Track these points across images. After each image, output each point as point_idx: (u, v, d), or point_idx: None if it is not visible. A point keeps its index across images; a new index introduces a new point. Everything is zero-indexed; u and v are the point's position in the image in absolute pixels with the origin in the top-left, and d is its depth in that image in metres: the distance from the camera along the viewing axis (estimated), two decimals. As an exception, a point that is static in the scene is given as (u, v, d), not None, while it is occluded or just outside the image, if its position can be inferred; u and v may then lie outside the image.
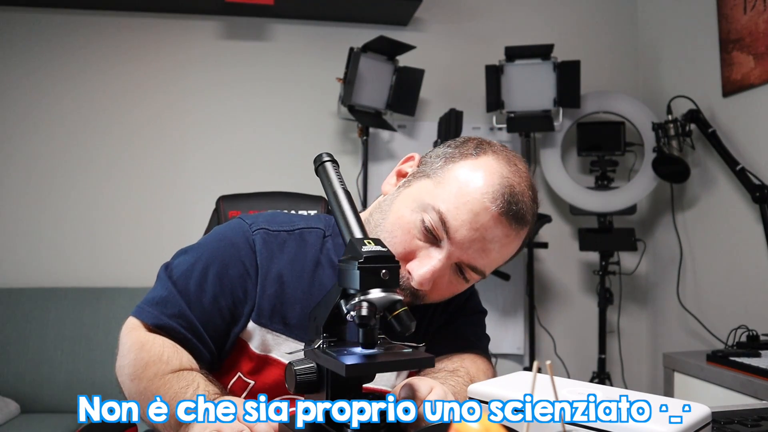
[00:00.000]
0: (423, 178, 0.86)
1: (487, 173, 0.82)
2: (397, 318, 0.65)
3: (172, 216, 2.52)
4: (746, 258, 2.23)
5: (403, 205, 0.84)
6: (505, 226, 0.81)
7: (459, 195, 0.80)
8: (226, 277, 0.85)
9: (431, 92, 2.68)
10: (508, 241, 0.83)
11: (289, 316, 0.86)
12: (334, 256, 0.90)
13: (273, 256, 0.86)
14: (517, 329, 2.71)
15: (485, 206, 0.79)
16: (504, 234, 0.82)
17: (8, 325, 2.23)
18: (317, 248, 0.90)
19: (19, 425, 2.00)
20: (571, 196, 2.60)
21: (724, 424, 0.81)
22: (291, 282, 0.86)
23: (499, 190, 0.80)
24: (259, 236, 0.87)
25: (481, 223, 0.80)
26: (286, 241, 0.88)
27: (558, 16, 2.86)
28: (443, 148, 0.89)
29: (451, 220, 0.79)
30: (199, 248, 0.88)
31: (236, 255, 0.85)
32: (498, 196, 0.80)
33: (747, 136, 2.22)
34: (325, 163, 0.77)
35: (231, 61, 2.62)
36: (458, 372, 0.87)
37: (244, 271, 0.85)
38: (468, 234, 0.79)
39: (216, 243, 0.87)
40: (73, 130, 2.51)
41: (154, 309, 0.83)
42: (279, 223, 0.90)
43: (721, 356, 1.71)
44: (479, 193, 0.80)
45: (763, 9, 2.12)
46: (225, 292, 0.84)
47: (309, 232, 0.91)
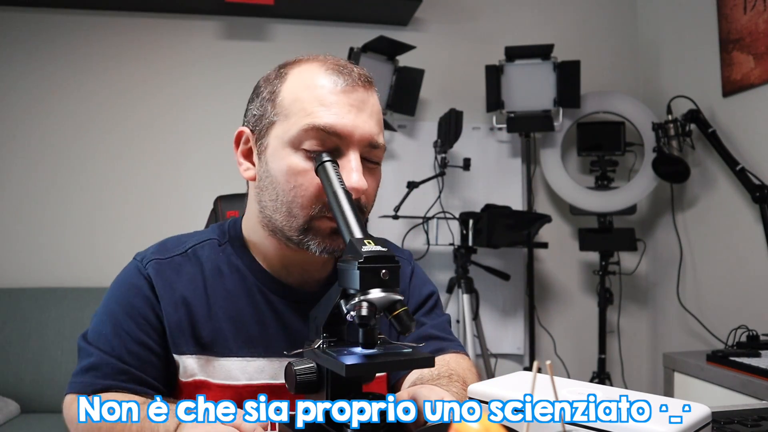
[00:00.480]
0: (270, 130, 0.83)
1: (310, 73, 0.83)
2: (397, 318, 0.65)
3: (171, 215, 2.52)
4: (746, 258, 2.23)
5: (279, 162, 0.82)
6: (360, 91, 0.83)
7: (312, 102, 0.80)
8: (138, 316, 0.84)
9: (431, 92, 2.68)
10: (372, 101, 0.85)
11: (202, 336, 0.84)
12: (235, 259, 0.89)
13: (171, 282, 0.85)
14: (517, 329, 2.71)
15: (336, 90, 0.81)
16: (365, 97, 0.83)
17: (8, 325, 2.23)
18: (213, 259, 0.89)
19: (19, 425, 2.00)
20: (571, 196, 2.60)
21: (724, 424, 0.81)
22: (196, 302, 0.85)
23: (332, 72, 0.82)
24: (152, 267, 0.86)
25: (346, 103, 0.81)
26: (182, 264, 0.87)
27: (558, 16, 2.86)
28: (256, 101, 0.87)
29: (327, 121, 0.79)
30: (104, 305, 0.88)
31: (138, 293, 0.85)
32: (336, 77, 0.82)
33: (747, 136, 2.22)
34: (325, 164, 0.77)
35: (231, 61, 2.62)
36: (453, 377, 0.87)
37: (149, 304, 0.85)
38: (347, 119, 0.80)
39: (116, 291, 0.87)
40: (73, 130, 2.51)
41: (87, 377, 0.82)
42: (169, 249, 0.89)
43: (721, 356, 1.71)
44: (322, 88, 0.81)
45: (763, 9, 2.12)
46: (144, 329, 0.84)
47: (201, 246, 0.90)
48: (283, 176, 0.81)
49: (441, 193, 2.53)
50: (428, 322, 0.99)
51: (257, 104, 0.86)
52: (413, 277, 1.02)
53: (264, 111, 0.84)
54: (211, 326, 0.85)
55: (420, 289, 1.02)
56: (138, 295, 0.85)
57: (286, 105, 0.82)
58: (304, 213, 0.80)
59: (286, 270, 0.89)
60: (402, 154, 2.69)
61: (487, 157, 2.73)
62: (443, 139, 2.43)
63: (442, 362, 0.91)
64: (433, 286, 1.05)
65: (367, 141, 0.82)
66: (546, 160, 2.65)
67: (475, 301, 2.36)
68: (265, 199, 0.84)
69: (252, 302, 0.87)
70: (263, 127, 0.84)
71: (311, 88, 0.81)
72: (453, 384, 0.84)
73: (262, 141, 0.84)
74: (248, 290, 0.87)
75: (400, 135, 2.69)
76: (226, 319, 0.85)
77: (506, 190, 2.72)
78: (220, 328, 0.85)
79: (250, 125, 0.87)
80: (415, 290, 1.01)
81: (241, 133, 0.88)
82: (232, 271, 0.88)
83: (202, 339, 0.84)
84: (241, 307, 0.86)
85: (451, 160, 2.52)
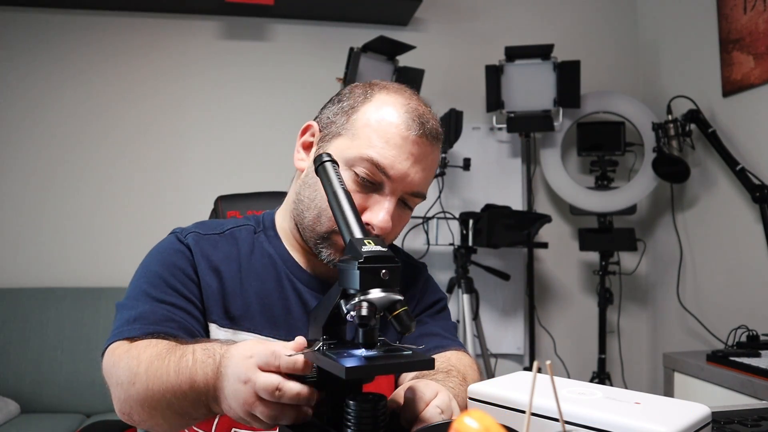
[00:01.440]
0: (335, 139, 0.88)
1: (390, 108, 0.87)
2: (397, 318, 0.65)
3: (171, 215, 2.52)
4: (746, 258, 2.23)
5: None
6: (426, 145, 0.87)
7: (379, 136, 0.85)
8: (181, 274, 0.87)
9: (431, 92, 2.67)
10: (432, 157, 0.90)
11: (231, 308, 0.88)
12: (268, 246, 0.94)
13: (207, 253, 0.89)
14: (517, 329, 2.71)
15: (404, 135, 0.85)
16: (428, 152, 0.88)
17: (8, 325, 2.23)
18: (249, 241, 0.94)
19: (19, 425, 2.00)
20: (571, 196, 2.60)
21: (724, 424, 0.81)
22: (228, 275, 0.89)
23: (409, 116, 0.86)
24: (191, 238, 0.90)
25: (407, 151, 0.85)
26: (218, 242, 0.92)
27: (558, 16, 2.86)
28: (334, 106, 0.92)
29: (383, 160, 0.84)
30: (143, 268, 0.89)
31: (180, 255, 0.88)
32: (410, 122, 0.86)
33: (747, 136, 2.22)
34: (325, 164, 0.78)
35: (231, 61, 2.62)
36: (451, 372, 0.87)
37: (191, 264, 0.88)
38: (402, 166, 0.85)
39: (156, 255, 0.90)
40: (73, 130, 2.51)
41: (135, 326, 0.80)
42: (209, 227, 0.94)
43: (721, 356, 1.71)
44: (395, 127, 0.85)
45: (763, 9, 2.12)
46: (188, 286, 0.86)
47: (239, 230, 0.95)
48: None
49: (441, 193, 2.53)
50: (432, 322, 1.01)
51: (334, 110, 0.91)
52: (426, 284, 1.06)
53: (337, 119, 0.89)
54: (240, 300, 0.88)
55: (430, 295, 1.05)
56: (180, 257, 0.88)
57: (357, 126, 0.87)
58: (330, 224, 0.85)
59: (312, 262, 0.94)
60: (402, 154, 2.69)
61: (487, 157, 2.73)
62: (443, 138, 2.42)
63: (443, 358, 0.92)
64: (443, 293, 1.09)
65: (410, 189, 0.87)
66: (546, 160, 2.65)
67: (475, 301, 2.36)
68: (304, 195, 0.89)
69: (280, 287, 0.91)
70: (330, 133, 0.89)
71: (385, 123, 0.86)
72: (450, 379, 0.84)
73: (324, 144, 0.90)
74: (277, 276, 0.92)
75: (400, 135, 2.69)
76: (255, 296, 0.89)
77: (506, 190, 2.72)
78: (249, 303, 0.88)
79: (320, 124, 0.92)
80: (425, 295, 1.04)
81: (310, 126, 0.94)
82: (264, 256, 0.93)
83: (231, 312, 0.88)
84: (270, 289, 0.91)
85: (451, 160, 2.52)
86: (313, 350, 0.67)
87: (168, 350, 0.74)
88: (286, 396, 0.64)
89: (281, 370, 0.65)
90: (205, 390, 0.70)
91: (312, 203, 0.87)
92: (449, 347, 0.97)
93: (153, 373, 0.73)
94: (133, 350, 0.77)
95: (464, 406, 0.80)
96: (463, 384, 0.84)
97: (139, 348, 0.76)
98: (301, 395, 0.64)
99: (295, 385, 0.64)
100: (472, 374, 0.91)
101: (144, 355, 0.75)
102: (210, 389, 0.70)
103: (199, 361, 0.71)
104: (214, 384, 0.69)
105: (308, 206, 0.88)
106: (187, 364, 0.71)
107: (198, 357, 0.72)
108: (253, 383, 0.64)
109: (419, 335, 0.96)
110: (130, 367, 0.74)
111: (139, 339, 0.79)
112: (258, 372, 0.65)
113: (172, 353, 0.74)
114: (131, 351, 0.77)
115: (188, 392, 0.71)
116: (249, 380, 0.65)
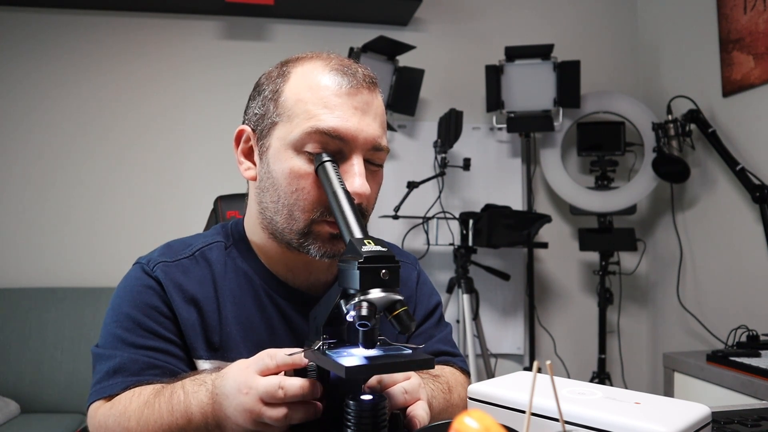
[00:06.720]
0: (272, 131, 0.81)
1: (314, 73, 0.81)
2: (397, 318, 0.65)
3: (171, 216, 2.52)
4: (746, 258, 2.23)
5: (281, 164, 0.80)
6: (365, 93, 0.81)
7: (315, 105, 0.78)
8: (156, 313, 0.81)
9: (431, 92, 2.68)
10: (377, 102, 0.83)
11: (213, 340, 0.83)
12: (241, 263, 0.87)
13: (179, 282, 0.83)
14: (517, 329, 2.71)
15: (340, 92, 0.79)
16: (370, 99, 0.81)
17: (8, 325, 2.23)
18: (222, 261, 0.87)
19: (19, 425, 2.00)
20: (571, 196, 2.60)
21: (724, 424, 0.81)
22: (206, 304, 0.83)
23: (336, 73, 0.80)
24: (159, 270, 0.83)
25: (350, 106, 0.79)
26: (189, 267, 0.85)
27: (558, 16, 2.86)
28: (257, 100, 0.85)
29: (331, 123, 0.77)
30: (113, 310, 0.83)
31: (150, 292, 0.82)
32: (340, 78, 0.80)
33: (747, 136, 2.22)
34: (325, 163, 0.77)
35: (231, 61, 2.62)
36: (439, 379, 0.87)
37: (164, 301, 0.82)
38: (351, 123, 0.78)
39: (125, 295, 0.83)
40: (73, 130, 2.51)
41: (115, 380, 0.77)
42: (175, 252, 0.87)
43: (721, 356, 1.71)
44: (327, 89, 0.79)
45: (763, 9, 2.12)
46: (165, 325, 0.81)
47: (209, 249, 0.88)
48: (285, 179, 0.79)
49: (441, 193, 2.53)
50: (437, 335, 1.00)
51: (259, 103, 0.84)
52: (420, 283, 1.02)
53: (266, 110, 0.82)
54: (221, 330, 0.83)
55: (429, 298, 1.02)
56: (150, 294, 0.82)
57: (288, 106, 0.80)
58: (305, 216, 0.79)
59: (291, 273, 0.88)
60: (402, 154, 2.69)
61: (487, 157, 2.73)
62: (443, 139, 2.43)
63: (438, 367, 0.91)
64: (438, 295, 1.06)
65: (370, 144, 0.80)
66: (546, 160, 2.65)
67: (475, 301, 2.36)
68: (266, 201, 0.82)
69: (260, 306, 0.86)
70: (265, 127, 0.82)
71: (315, 89, 0.79)
72: (434, 383, 0.84)
73: (263, 141, 0.83)
74: (256, 294, 0.86)
75: (400, 135, 2.69)
76: (236, 323, 0.84)
77: (506, 190, 2.72)
78: (230, 333, 0.83)
79: (251, 124, 0.85)
80: (424, 298, 1.01)
81: (242, 131, 0.86)
82: (239, 274, 0.86)
83: (214, 343, 0.83)
84: (250, 311, 0.85)
85: (451, 160, 2.52)
86: (313, 350, 0.67)
87: (155, 394, 0.72)
88: (290, 392, 0.63)
89: (279, 367, 0.65)
90: (203, 420, 0.69)
91: (278, 205, 0.81)
92: (449, 363, 0.97)
93: (145, 421, 0.71)
94: (118, 406, 0.74)
95: (440, 411, 0.81)
96: (446, 392, 0.84)
97: (122, 402, 0.74)
98: (305, 388, 0.64)
99: (297, 379, 0.64)
100: (458, 390, 0.90)
101: (131, 407, 0.73)
102: (208, 417, 0.68)
103: (191, 393, 0.69)
104: (211, 410, 0.68)
105: (276, 210, 0.81)
106: (179, 399, 0.70)
107: (188, 389, 0.70)
108: (255, 389, 0.64)
109: (426, 353, 0.96)
110: (119, 424, 0.72)
111: (121, 393, 0.76)
112: (257, 378, 0.64)
113: (160, 395, 0.72)
114: (115, 408, 0.74)
115: (187, 427, 0.69)
116: (250, 388, 0.64)
